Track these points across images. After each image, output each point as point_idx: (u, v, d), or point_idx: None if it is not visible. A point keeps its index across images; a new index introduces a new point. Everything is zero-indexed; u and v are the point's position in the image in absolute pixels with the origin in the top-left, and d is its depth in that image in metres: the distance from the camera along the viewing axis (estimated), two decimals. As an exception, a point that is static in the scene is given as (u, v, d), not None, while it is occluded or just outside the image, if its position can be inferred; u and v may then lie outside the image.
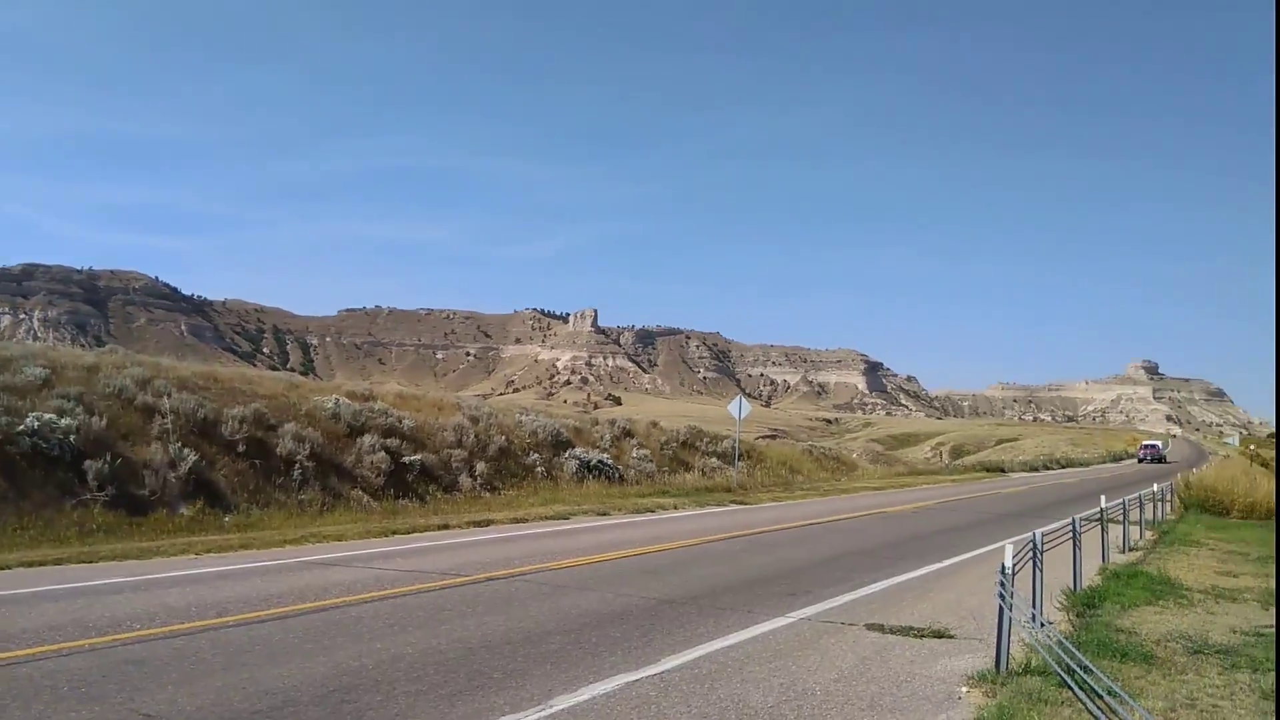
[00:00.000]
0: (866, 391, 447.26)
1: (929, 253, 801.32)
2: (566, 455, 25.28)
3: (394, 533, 15.01)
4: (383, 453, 19.94)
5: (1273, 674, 7.65)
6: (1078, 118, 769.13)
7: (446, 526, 16.01)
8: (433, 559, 12.32)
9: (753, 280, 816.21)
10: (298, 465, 18.00)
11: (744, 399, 31.14)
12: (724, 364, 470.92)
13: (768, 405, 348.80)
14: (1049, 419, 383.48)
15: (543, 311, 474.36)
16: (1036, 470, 58.34)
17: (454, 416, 23.96)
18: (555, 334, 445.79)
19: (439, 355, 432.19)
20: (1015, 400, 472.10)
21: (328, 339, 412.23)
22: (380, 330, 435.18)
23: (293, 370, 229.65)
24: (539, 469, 23.85)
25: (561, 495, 21.65)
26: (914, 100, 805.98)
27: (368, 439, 20.11)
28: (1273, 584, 13.02)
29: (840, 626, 8.91)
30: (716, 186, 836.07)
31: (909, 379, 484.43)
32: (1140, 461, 78.01)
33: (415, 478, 20.32)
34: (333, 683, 6.40)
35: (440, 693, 6.26)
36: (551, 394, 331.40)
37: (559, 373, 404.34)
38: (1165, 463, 73.46)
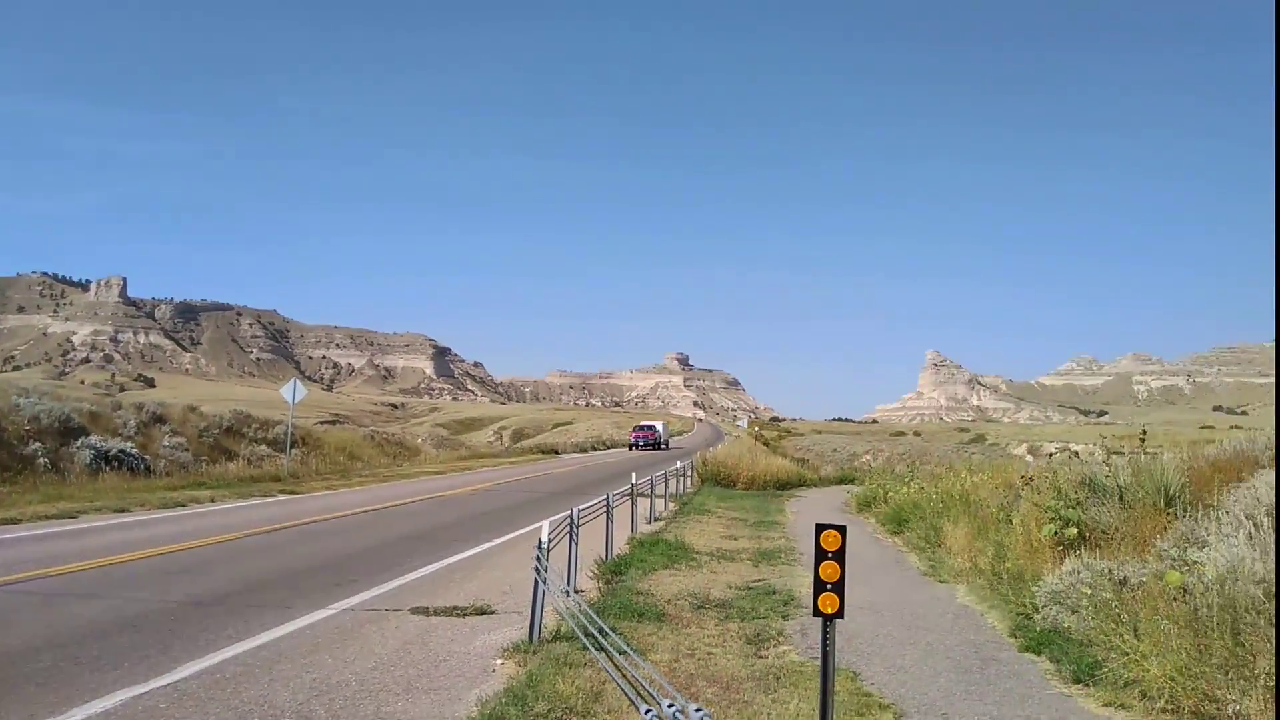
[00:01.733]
0: (434, 377, 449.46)
1: (505, 243, 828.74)
2: (79, 444, 21.85)
3: None
4: None
5: (756, 621, 9.06)
6: (630, 128, 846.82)
7: (-100, 534, 12.92)
8: (-126, 575, 9.84)
9: (319, 259, 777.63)
10: None
11: (300, 382, 29.43)
12: (281, 344, 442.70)
13: (330, 389, 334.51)
14: (600, 404, 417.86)
15: (55, 277, 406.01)
16: (586, 451, 63.06)
17: (-80, 398, 19.46)
18: (71, 304, 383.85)
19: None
20: (571, 386, 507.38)
21: None
22: None
23: None
24: (41, 460, 20.30)
25: (70, 491, 18.61)
26: (508, 89, 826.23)
27: None
28: (764, 544, 15.45)
29: (384, 614, 8.78)
30: (286, 154, 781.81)
31: (476, 365, 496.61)
32: (632, 448, 61.54)
33: None
34: None
35: None
36: (65, 373, 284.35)
37: (75, 349, 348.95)
38: (664, 449, 61.27)
